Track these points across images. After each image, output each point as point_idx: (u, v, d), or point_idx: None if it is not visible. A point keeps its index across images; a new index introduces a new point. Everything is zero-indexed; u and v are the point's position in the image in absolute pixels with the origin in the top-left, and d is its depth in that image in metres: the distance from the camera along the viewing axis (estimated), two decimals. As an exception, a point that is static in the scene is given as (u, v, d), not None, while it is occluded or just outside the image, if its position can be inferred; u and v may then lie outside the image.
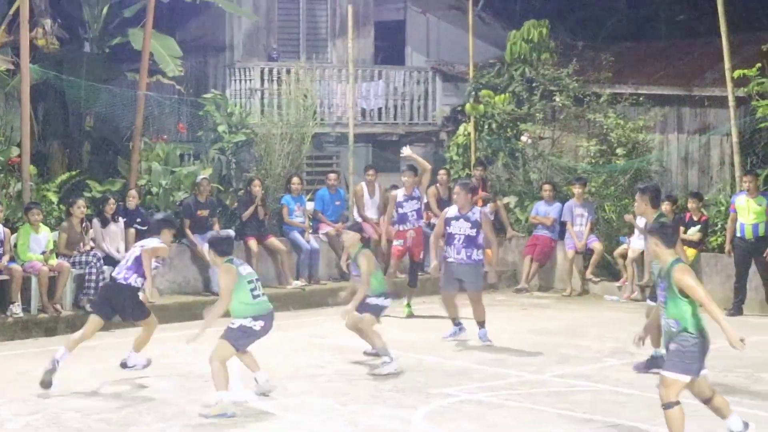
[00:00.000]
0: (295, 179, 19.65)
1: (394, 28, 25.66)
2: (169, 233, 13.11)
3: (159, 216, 14.64)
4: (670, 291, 9.38)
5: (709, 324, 9.31)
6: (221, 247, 11.64)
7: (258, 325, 11.48)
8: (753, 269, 17.24)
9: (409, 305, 17.35)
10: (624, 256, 18.87)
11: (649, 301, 13.06)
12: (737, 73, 18.39)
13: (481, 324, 14.93)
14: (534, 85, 22.09)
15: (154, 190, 18.84)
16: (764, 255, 17.07)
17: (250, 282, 11.51)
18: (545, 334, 15.77)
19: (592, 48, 23.74)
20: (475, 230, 14.82)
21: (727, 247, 17.89)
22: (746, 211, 17.38)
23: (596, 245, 19.62)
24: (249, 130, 20.57)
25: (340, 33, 23.50)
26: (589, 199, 20.07)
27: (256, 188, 18.90)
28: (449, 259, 14.90)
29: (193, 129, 21.00)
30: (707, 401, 9.66)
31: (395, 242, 17.41)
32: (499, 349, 14.57)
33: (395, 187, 18.90)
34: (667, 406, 9.31)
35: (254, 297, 11.49)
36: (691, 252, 18.00)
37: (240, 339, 11.47)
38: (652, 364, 12.64)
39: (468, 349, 14.62)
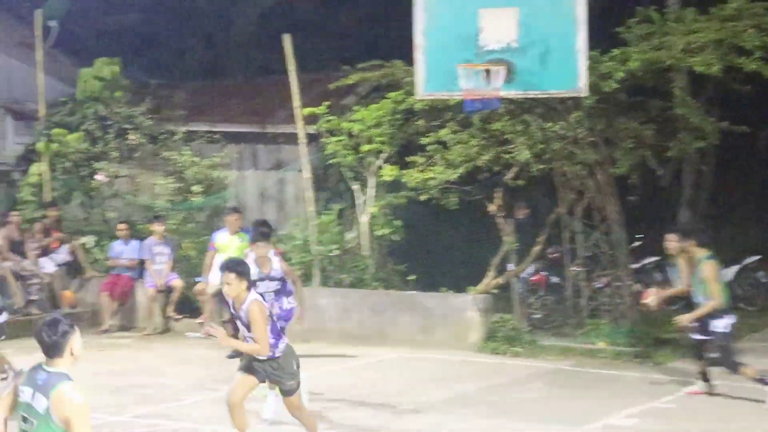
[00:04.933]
0: None
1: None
2: None
3: None
4: None
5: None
6: None
7: None
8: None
9: None
10: (203, 293, 18.89)
11: None
12: (307, 111, 18.93)
13: None
14: (108, 123, 21.82)
15: None
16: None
17: None
18: (125, 375, 15.54)
19: (166, 86, 23.76)
20: None
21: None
22: (228, 248, 17.42)
23: (176, 283, 19.58)
24: None
25: None
26: (168, 237, 20.01)
27: None
28: None
29: None
30: None
31: None
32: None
33: None
34: None
35: None
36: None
37: None
38: None
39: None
